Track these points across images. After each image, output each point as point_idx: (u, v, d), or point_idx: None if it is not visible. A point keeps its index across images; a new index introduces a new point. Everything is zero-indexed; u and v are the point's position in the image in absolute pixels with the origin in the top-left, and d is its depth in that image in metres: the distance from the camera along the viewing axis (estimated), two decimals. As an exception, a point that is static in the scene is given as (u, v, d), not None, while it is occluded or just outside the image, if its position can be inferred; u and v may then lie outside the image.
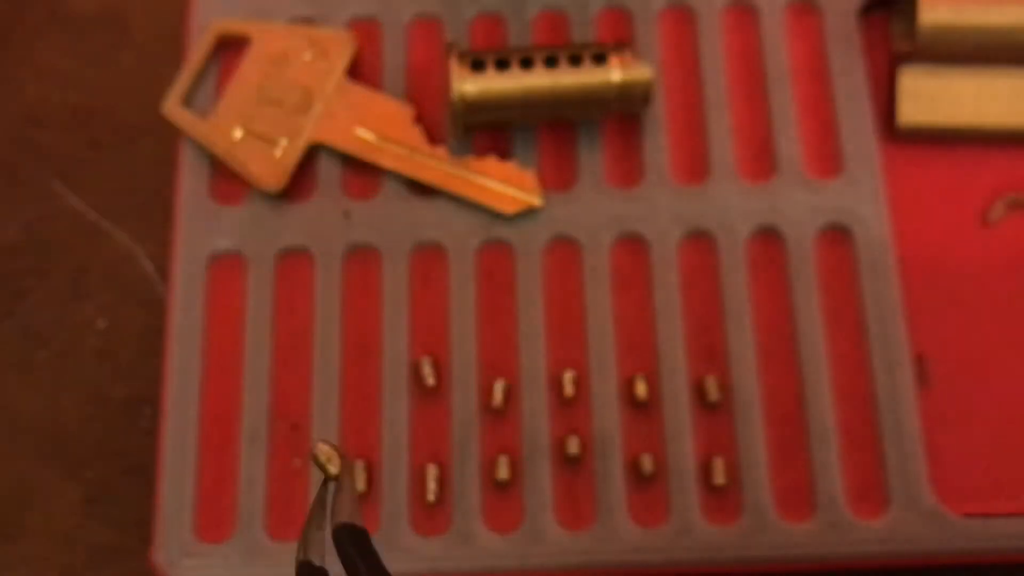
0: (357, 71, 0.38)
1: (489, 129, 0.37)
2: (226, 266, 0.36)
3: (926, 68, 0.37)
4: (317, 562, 0.20)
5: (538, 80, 0.35)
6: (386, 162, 0.36)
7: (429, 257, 0.36)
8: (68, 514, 0.35)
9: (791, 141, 0.37)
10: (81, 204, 0.38)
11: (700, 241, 0.36)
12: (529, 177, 0.36)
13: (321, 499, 0.21)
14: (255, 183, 0.36)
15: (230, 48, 0.38)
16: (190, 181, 0.37)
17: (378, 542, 0.32)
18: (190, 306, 0.35)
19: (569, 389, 0.34)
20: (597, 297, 0.35)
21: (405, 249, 0.36)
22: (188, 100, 0.37)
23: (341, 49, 0.38)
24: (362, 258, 0.36)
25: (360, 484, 0.33)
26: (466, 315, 0.35)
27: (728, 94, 0.37)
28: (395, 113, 0.37)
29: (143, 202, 0.38)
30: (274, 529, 0.33)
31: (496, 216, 0.36)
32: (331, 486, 0.21)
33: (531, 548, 0.32)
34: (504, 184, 0.36)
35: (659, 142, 0.37)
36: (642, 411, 0.34)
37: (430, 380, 0.34)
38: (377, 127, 0.36)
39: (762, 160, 0.37)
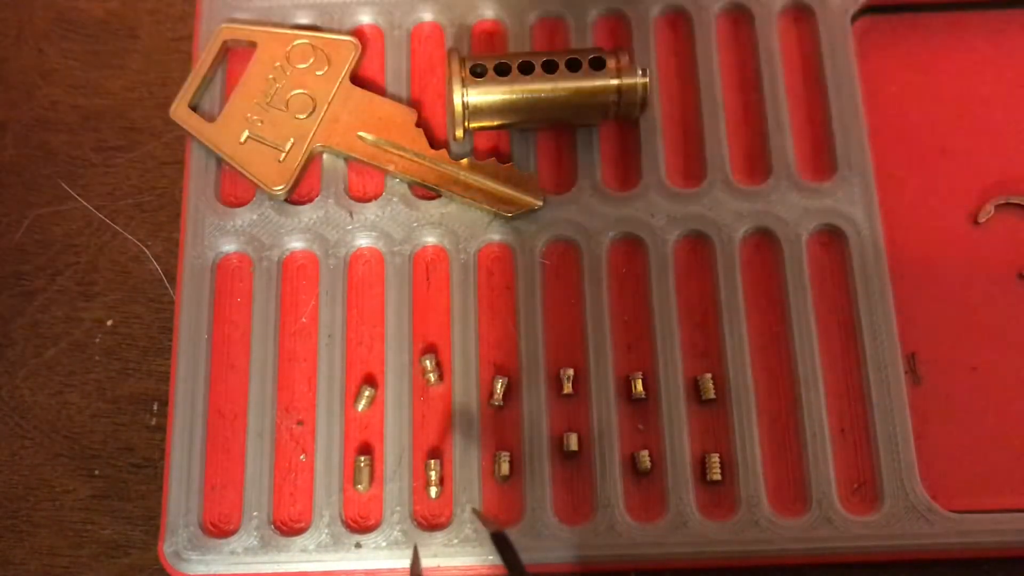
0: (360, 76, 0.39)
1: (489, 133, 0.38)
2: (232, 266, 0.37)
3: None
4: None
5: (537, 85, 0.36)
6: (389, 164, 0.37)
7: (431, 257, 0.37)
8: (77, 509, 0.35)
9: (785, 144, 0.37)
10: (89, 205, 0.39)
11: (696, 242, 0.37)
12: (529, 179, 0.37)
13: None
14: (260, 185, 0.37)
15: (236, 53, 0.39)
16: (197, 183, 0.37)
17: (380, 536, 0.33)
18: (197, 305, 0.36)
19: (568, 386, 0.35)
20: (595, 297, 0.36)
21: (408, 250, 0.36)
22: (195, 103, 0.38)
23: (345, 54, 0.38)
24: (365, 259, 0.37)
25: (364, 480, 0.34)
26: (467, 314, 0.35)
27: (723, 98, 0.38)
28: (397, 117, 0.37)
29: (150, 203, 0.39)
30: (280, 523, 0.34)
31: (496, 217, 0.36)
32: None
33: (531, 542, 0.33)
34: (504, 186, 0.36)
35: (656, 145, 0.37)
36: (639, 408, 0.35)
37: (432, 377, 0.35)
38: (380, 130, 0.37)
39: (757, 163, 0.38)
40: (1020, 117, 0.39)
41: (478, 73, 0.36)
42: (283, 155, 0.37)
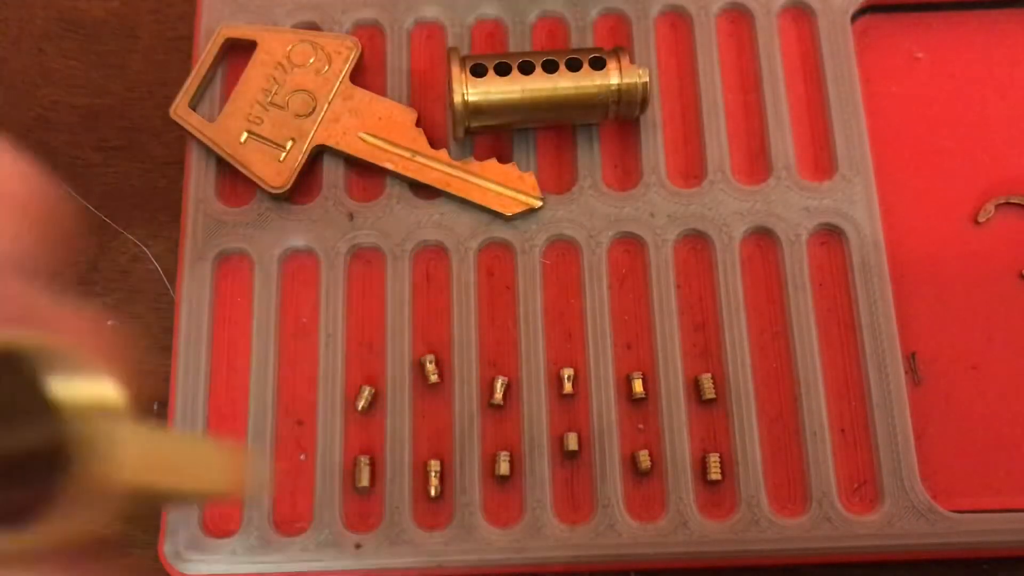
0: (360, 75, 0.39)
1: (490, 132, 0.38)
2: (232, 266, 0.37)
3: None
4: None
5: (538, 85, 0.36)
6: (389, 164, 0.37)
7: (431, 257, 0.37)
8: (77, 509, 0.35)
9: (785, 143, 0.37)
10: (89, 206, 0.39)
11: (696, 242, 0.37)
12: (529, 179, 0.37)
13: None
14: (261, 185, 0.37)
15: (236, 52, 0.39)
16: (197, 182, 0.37)
17: (381, 536, 0.33)
18: (197, 305, 0.36)
19: (568, 386, 0.35)
20: (595, 296, 0.36)
21: (408, 249, 0.36)
22: (195, 103, 0.38)
23: (345, 53, 0.38)
24: (366, 258, 0.37)
25: (364, 479, 0.34)
26: (467, 314, 0.35)
27: (723, 97, 0.38)
28: (398, 116, 0.37)
29: (151, 203, 0.39)
30: (280, 523, 0.34)
31: (496, 217, 0.36)
32: None
33: (531, 541, 0.33)
34: (504, 186, 0.36)
35: (656, 145, 0.37)
36: (639, 408, 0.35)
37: (433, 377, 0.35)
38: (380, 130, 0.37)
39: (757, 162, 0.38)
40: (1020, 117, 0.39)
41: (478, 73, 0.36)
42: (283, 155, 0.37)
